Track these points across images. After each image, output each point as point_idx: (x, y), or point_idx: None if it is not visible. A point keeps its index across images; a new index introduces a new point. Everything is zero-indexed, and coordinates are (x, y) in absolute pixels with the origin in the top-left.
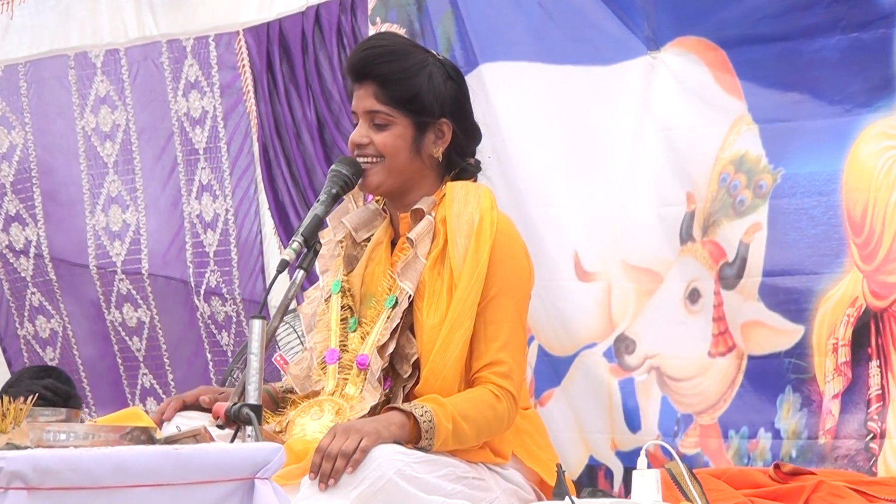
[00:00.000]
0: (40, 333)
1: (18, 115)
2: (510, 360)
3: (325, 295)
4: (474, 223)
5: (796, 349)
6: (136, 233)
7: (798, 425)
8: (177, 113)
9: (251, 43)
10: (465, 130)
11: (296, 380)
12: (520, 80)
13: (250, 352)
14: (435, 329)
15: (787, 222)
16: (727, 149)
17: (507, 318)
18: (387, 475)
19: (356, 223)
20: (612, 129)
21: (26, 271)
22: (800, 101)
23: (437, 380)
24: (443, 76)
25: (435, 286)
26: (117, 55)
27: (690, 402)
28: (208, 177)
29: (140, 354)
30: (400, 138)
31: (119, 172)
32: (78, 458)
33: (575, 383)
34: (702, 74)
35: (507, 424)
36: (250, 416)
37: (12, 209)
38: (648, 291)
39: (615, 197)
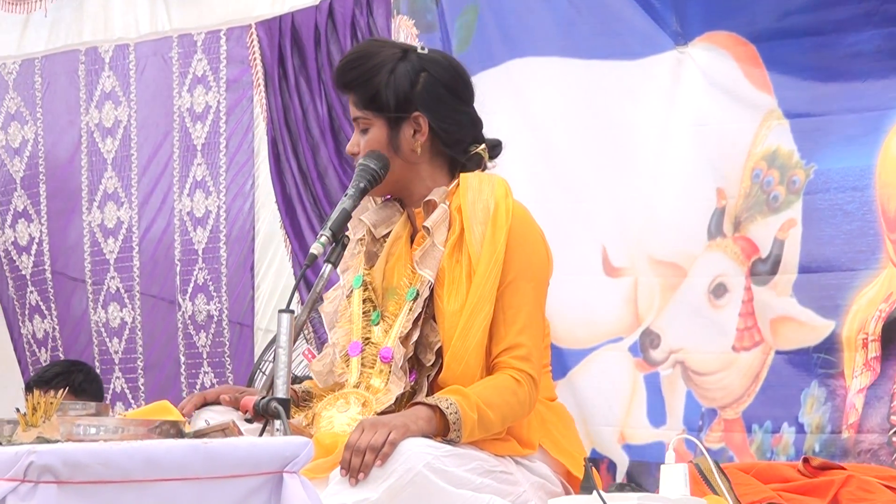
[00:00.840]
0: (37, 333)
1: (31, 111)
2: (529, 343)
3: (347, 291)
4: (490, 210)
5: (825, 344)
6: (128, 230)
7: (822, 420)
8: (179, 108)
9: (263, 36)
10: (446, 120)
11: (318, 375)
12: (548, 75)
13: (279, 345)
14: (456, 315)
15: (822, 218)
16: (759, 144)
17: (526, 302)
18: (416, 468)
19: (375, 220)
20: (639, 124)
21: (27, 269)
22: (831, 96)
23: (460, 365)
24: (412, 70)
25: (454, 273)
26: (126, 50)
27: (714, 397)
28: (203, 173)
29: (117, 357)
30: (375, 140)
31: (117, 169)
32: (108, 451)
33: (586, 376)
34: (731, 69)
35: (530, 408)
36: (279, 409)
37: (20, 205)
38: (673, 286)
39: (642, 192)
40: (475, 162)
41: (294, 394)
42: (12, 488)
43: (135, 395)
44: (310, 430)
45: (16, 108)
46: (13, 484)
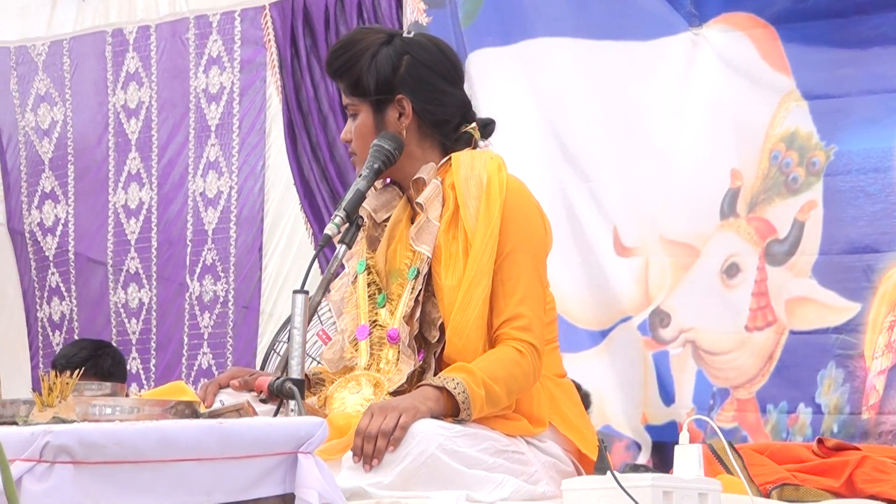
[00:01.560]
0: (53, 316)
1: (60, 92)
2: (529, 313)
3: (352, 278)
4: (483, 184)
5: (848, 325)
6: (148, 211)
7: (840, 400)
8: (195, 89)
9: (276, 17)
10: (431, 101)
11: (329, 363)
12: (561, 55)
13: (293, 326)
14: (454, 290)
15: (844, 200)
16: (777, 126)
17: (524, 273)
18: (429, 450)
19: (375, 205)
20: (652, 105)
21: (50, 250)
22: (852, 78)
23: (461, 339)
24: (394, 54)
25: (451, 249)
26: (148, 31)
27: (727, 377)
28: (216, 154)
29: (134, 337)
30: (362, 125)
31: (140, 149)
32: (123, 432)
33: (604, 356)
34: (747, 51)
35: (535, 378)
36: (293, 390)
37: (48, 186)
38: (685, 266)
39: (654, 173)
40: (464, 141)
41: (306, 377)
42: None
43: (147, 375)
44: (323, 411)
45: (45, 90)
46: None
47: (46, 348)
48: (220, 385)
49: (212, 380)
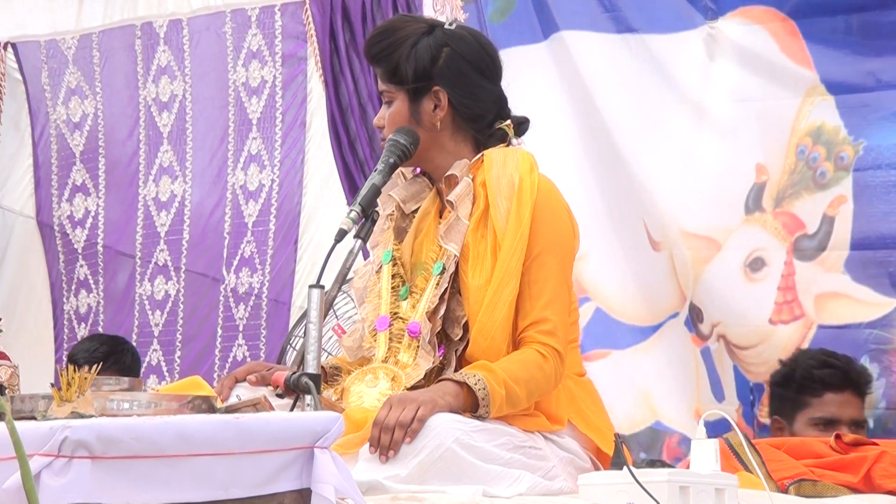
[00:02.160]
0: (80, 309)
1: (91, 85)
2: (555, 317)
3: (376, 267)
4: (515, 185)
5: (883, 321)
6: (181, 203)
7: (875, 395)
8: (234, 83)
9: (316, 12)
10: (467, 95)
11: (348, 351)
12: (585, 50)
13: (309, 321)
14: (481, 290)
15: (875, 195)
16: (802, 120)
17: (551, 276)
18: (445, 444)
19: (404, 196)
20: (675, 99)
21: (79, 243)
22: (878, 72)
23: (486, 339)
24: (434, 45)
25: (479, 248)
26: (180, 25)
27: (758, 371)
28: (258, 147)
29: (157, 329)
30: (396, 113)
31: (172, 143)
32: (141, 426)
33: (655, 352)
34: (767, 44)
35: (556, 382)
36: (309, 384)
37: (79, 179)
38: (705, 258)
39: (678, 167)
40: (498, 138)
41: (322, 371)
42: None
43: (170, 368)
44: (340, 404)
45: (76, 83)
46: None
47: (71, 341)
48: (236, 379)
49: (228, 374)
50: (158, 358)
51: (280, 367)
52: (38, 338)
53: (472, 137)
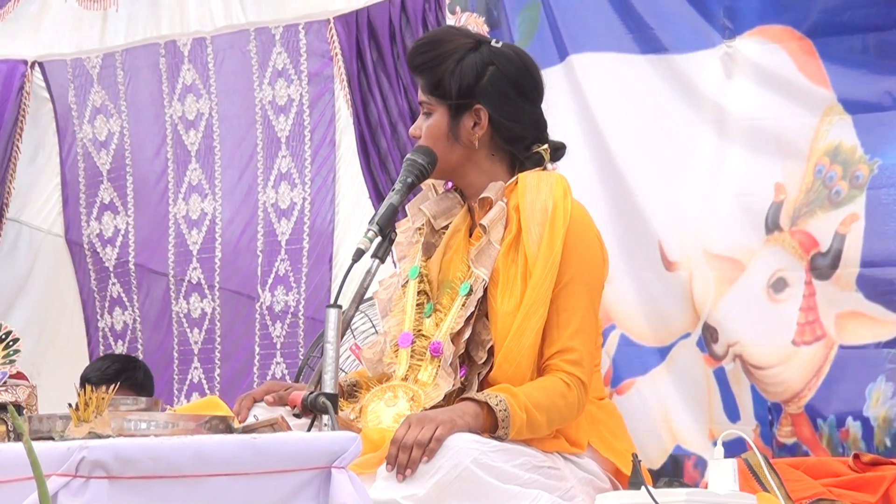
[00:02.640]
0: (115, 326)
1: (115, 103)
2: (581, 347)
3: (402, 280)
4: (548, 211)
5: None
6: (212, 221)
7: (888, 413)
8: (261, 101)
9: (341, 31)
10: (508, 116)
11: (368, 363)
12: (603, 70)
13: (326, 340)
14: (509, 315)
15: (887, 213)
16: (820, 140)
17: (580, 305)
18: (463, 463)
19: (435, 211)
20: (694, 118)
21: (110, 261)
22: (894, 91)
23: (511, 366)
24: (480, 62)
25: (509, 273)
26: (204, 43)
27: (776, 391)
28: (288, 165)
29: (196, 347)
30: (435, 126)
31: (200, 161)
32: (158, 447)
33: (669, 373)
34: (784, 63)
35: (578, 412)
36: (326, 404)
37: (107, 197)
38: (729, 280)
39: (698, 186)
40: (534, 161)
41: (340, 388)
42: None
43: (210, 385)
44: (357, 423)
45: (101, 102)
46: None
47: None
48: (254, 399)
49: (246, 394)
50: (199, 376)
51: (298, 386)
52: (72, 354)
53: (508, 158)
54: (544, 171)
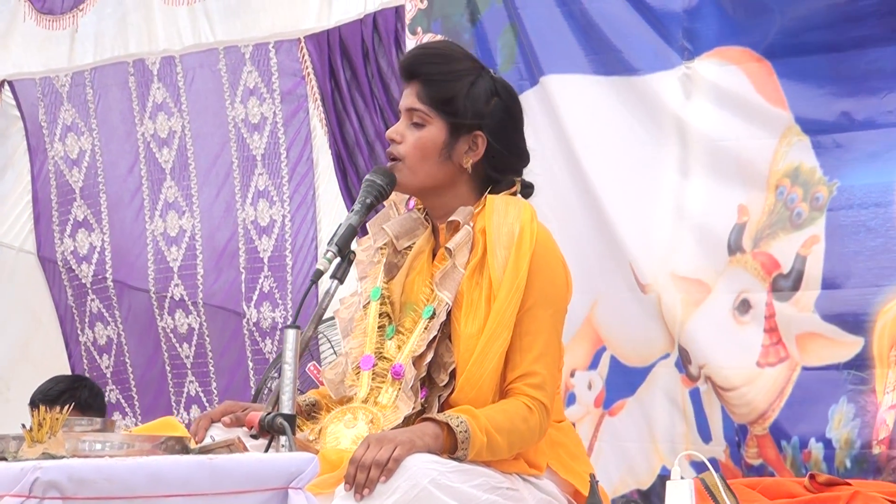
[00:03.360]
0: (98, 340)
1: (86, 121)
2: (544, 371)
3: (364, 301)
4: (514, 234)
5: (856, 361)
6: (191, 238)
7: (851, 435)
8: (234, 119)
9: (312, 50)
10: (505, 149)
11: (330, 384)
12: (575, 92)
13: (284, 361)
14: (473, 338)
15: (846, 234)
16: (780, 161)
17: (543, 329)
18: (421, 484)
19: (398, 231)
20: (656, 140)
21: (87, 278)
22: (851, 112)
23: (473, 389)
24: (488, 90)
25: (473, 296)
26: (173, 62)
27: (741, 413)
28: (265, 182)
29: (188, 361)
30: (430, 140)
31: (176, 178)
32: (113, 467)
33: (650, 394)
34: (742, 85)
35: (539, 436)
36: (284, 425)
37: (80, 215)
38: (696, 301)
39: (664, 208)
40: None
41: (298, 407)
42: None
43: (209, 398)
44: (316, 444)
45: (71, 120)
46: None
47: (94, 370)
48: (211, 420)
49: (203, 414)
50: (196, 389)
51: (255, 407)
52: (49, 369)
53: (481, 186)
54: (512, 196)
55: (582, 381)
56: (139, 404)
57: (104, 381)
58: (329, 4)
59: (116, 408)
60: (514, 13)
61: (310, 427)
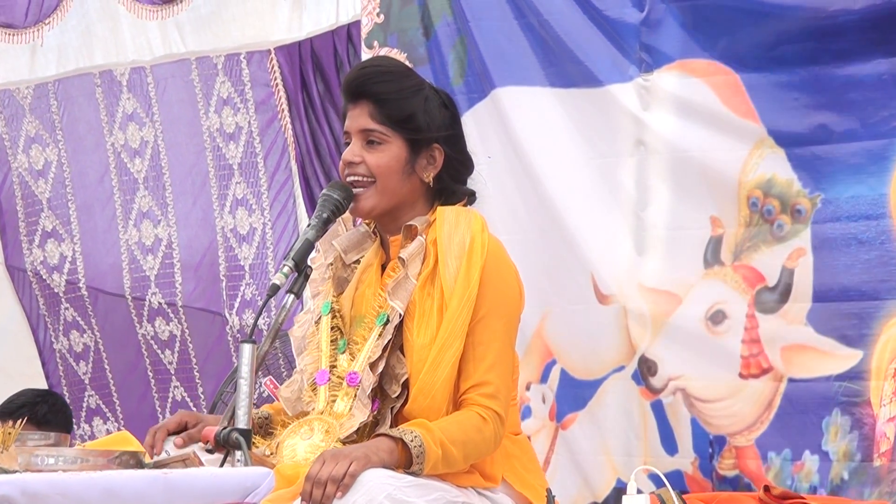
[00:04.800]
0: (74, 347)
1: (51, 133)
2: (497, 380)
3: (315, 317)
4: (465, 245)
5: (850, 373)
6: (168, 247)
7: (849, 448)
8: (209, 129)
9: (283, 62)
10: (458, 159)
11: (287, 402)
12: (530, 104)
13: (240, 376)
14: (425, 348)
15: (835, 247)
16: (750, 172)
17: (496, 339)
18: (377, 499)
19: (346, 245)
20: (615, 151)
21: (59, 287)
22: (831, 125)
23: (426, 399)
24: (438, 103)
25: (425, 306)
26: (143, 72)
27: (721, 424)
28: (243, 191)
29: (172, 367)
30: (393, 159)
31: (149, 188)
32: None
33: (603, 407)
34: (706, 97)
35: (495, 446)
36: (239, 440)
37: (49, 225)
38: (666, 313)
39: (626, 219)
40: (459, 198)
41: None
42: None
43: (196, 402)
44: (273, 459)
45: (35, 132)
46: None
47: (70, 377)
48: (168, 431)
49: (158, 426)
50: (182, 394)
51: (210, 419)
52: (22, 375)
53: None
54: (462, 207)
55: (536, 395)
56: (121, 409)
57: (82, 388)
58: (300, 16)
59: (97, 413)
60: (465, 26)
61: (265, 443)
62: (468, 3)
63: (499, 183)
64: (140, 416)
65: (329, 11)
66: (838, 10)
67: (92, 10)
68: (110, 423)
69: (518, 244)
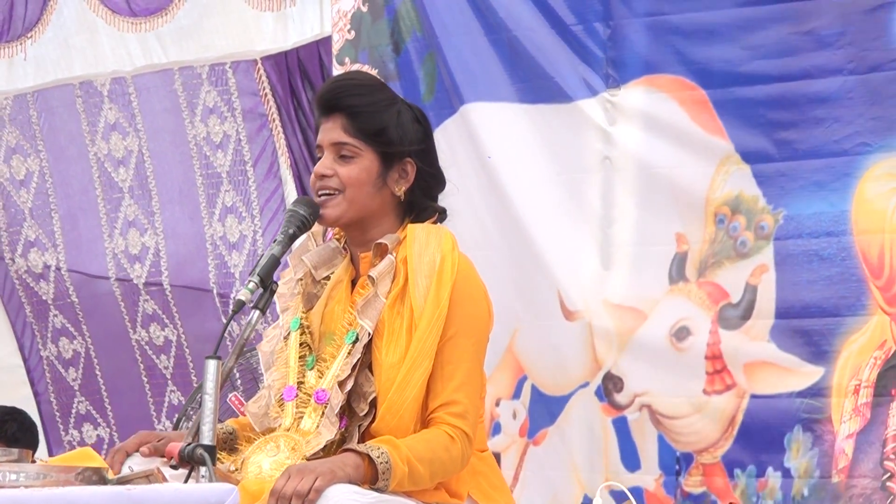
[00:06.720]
0: (63, 354)
1: (32, 143)
2: (466, 400)
3: (284, 333)
4: (435, 264)
5: (812, 390)
6: (155, 255)
7: (810, 464)
8: (195, 138)
9: (270, 71)
10: (430, 173)
11: (254, 417)
12: (499, 119)
13: (205, 392)
14: (394, 367)
15: (797, 263)
16: (717, 189)
17: (465, 358)
18: None
19: (316, 261)
20: (581, 166)
21: (47, 294)
22: (795, 141)
23: (395, 418)
24: (411, 117)
25: (394, 325)
26: (124, 83)
27: (688, 441)
28: (233, 199)
29: (168, 372)
30: (365, 171)
31: (135, 197)
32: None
33: (569, 423)
34: (673, 113)
35: (462, 465)
36: (204, 456)
37: (32, 235)
38: (631, 329)
39: (593, 235)
40: (429, 215)
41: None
42: None
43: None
44: (238, 475)
45: (15, 142)
46: None
47: (59, 383)
48: (127, 452)
49: (118, 447)
50: (179, 398)
51: (173, 436)
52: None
53: (404, 213)
54: (433, 225)
55: (507, 411)
56: (113, 414)
57: (72, 394)
58: (284, 27)
59: (87, 419)
60: (434, 42)
61: (230, 459)
62: (438, 19)
63: (468, 198)
64: (133, 421)
65: (313, 23)
66: (807, 28)
67: (69, 23)
68: (101, 429)
69: (487, 259)
